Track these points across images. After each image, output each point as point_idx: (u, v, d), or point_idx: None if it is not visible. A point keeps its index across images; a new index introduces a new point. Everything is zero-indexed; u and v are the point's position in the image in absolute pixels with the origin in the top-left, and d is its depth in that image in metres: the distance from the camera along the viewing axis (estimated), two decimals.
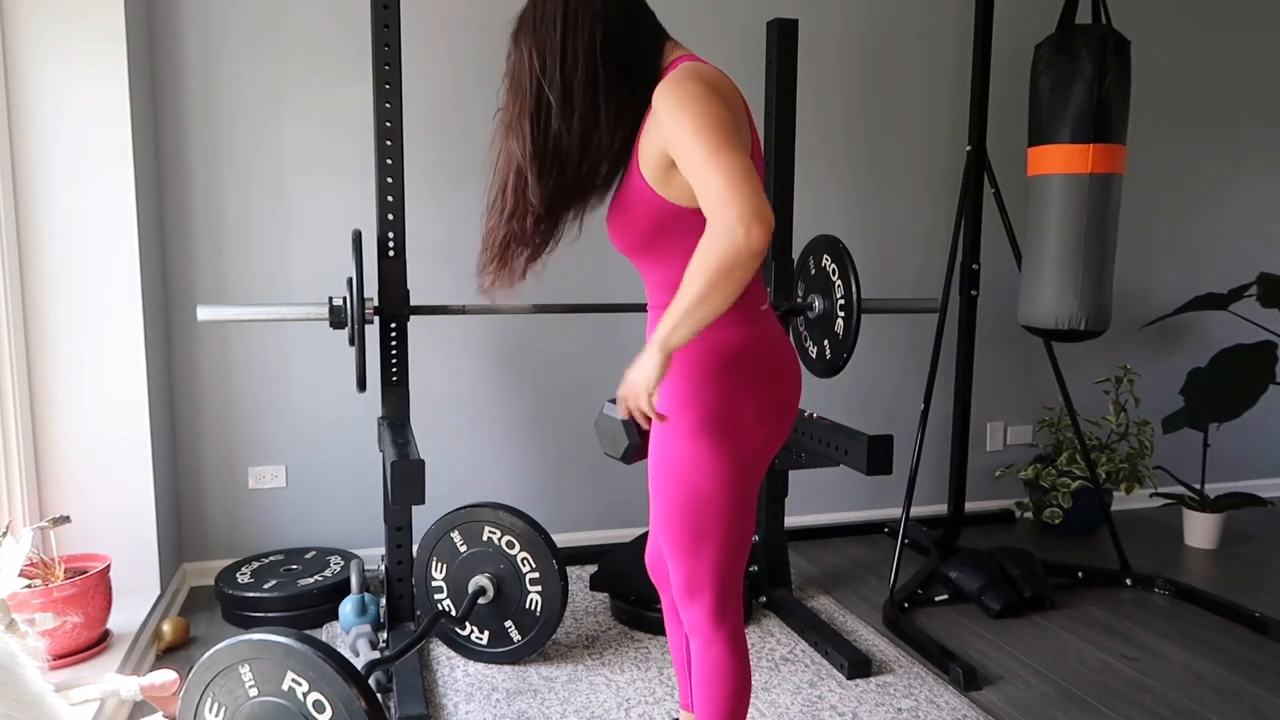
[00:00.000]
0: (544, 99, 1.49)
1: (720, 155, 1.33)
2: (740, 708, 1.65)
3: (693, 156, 1.36)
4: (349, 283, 2.36)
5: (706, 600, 1.61)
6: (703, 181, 1.34)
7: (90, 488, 2.59)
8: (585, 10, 1.48)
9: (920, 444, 3.02)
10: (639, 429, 1.82)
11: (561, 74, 1.48)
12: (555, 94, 1.48)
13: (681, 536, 1.59)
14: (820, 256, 2.69)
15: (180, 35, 2.84)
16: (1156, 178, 3.77)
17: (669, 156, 1.44)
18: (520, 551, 2.45)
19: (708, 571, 1.60)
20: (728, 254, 1.31)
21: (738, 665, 1.63)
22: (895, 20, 3.43)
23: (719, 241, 1.31)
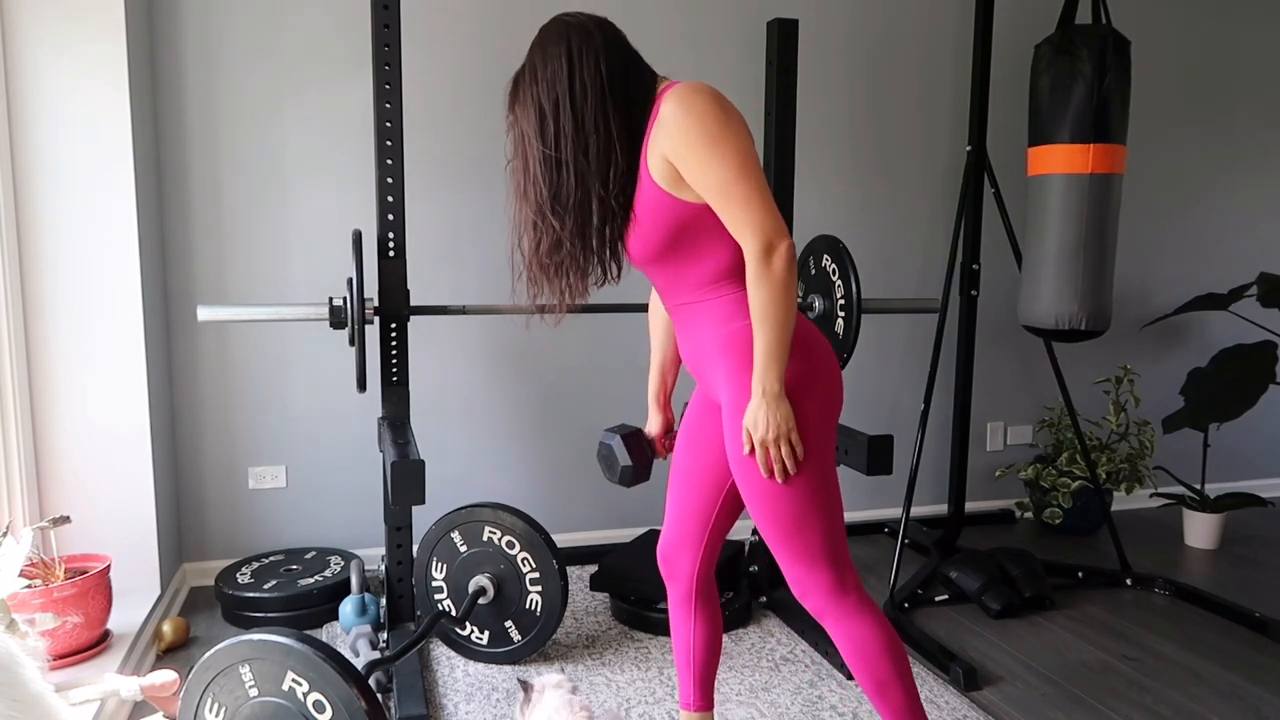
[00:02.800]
0: (561, 134, 1.57)
1: (739, 185, 1.50)
2: (904, 666, 1.66)
3: (712, 188, 1.51)
4: (349, 283, 2.36)
5: (824, 577, 1.62)
6: (724, 211, 1.51)
7: (90, 488, 2.59)
8: (588, 48, 1.58)
9: (920, 444, 3.02)
10: (631, 452, 1.84)
11: (573, 106, 1.57)
12: (569, 125, 1.56)
13: (789, 525, 1.61)
14: (820, 256, 2.69)
15: (180, 36, 2.84)
16: (1156, 178, 3.77)
17: (678, 167, 1.53)
18: (520, 551, 2.45)
19: (819, 549, 1.61)
20: (773, 283, 1.50)
21: (880, 627, 1.64)
22: (895, 20, 3.43)
23: (760, 278, 1.50)
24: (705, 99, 1.52)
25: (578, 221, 1.61)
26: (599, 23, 1.62)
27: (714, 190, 1.51)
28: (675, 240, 1.60)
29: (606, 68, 1.57)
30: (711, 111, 1.51)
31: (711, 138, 1.50)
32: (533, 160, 1.60)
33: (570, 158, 1.57)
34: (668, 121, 1.53)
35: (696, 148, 1.50)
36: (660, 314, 1.92)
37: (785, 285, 1.51)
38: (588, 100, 1.56)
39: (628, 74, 1.60)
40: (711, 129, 1.50)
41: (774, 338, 1.52)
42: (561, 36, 1.59)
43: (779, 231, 1.51)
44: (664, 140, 1.53)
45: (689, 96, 1.52)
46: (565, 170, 1.58)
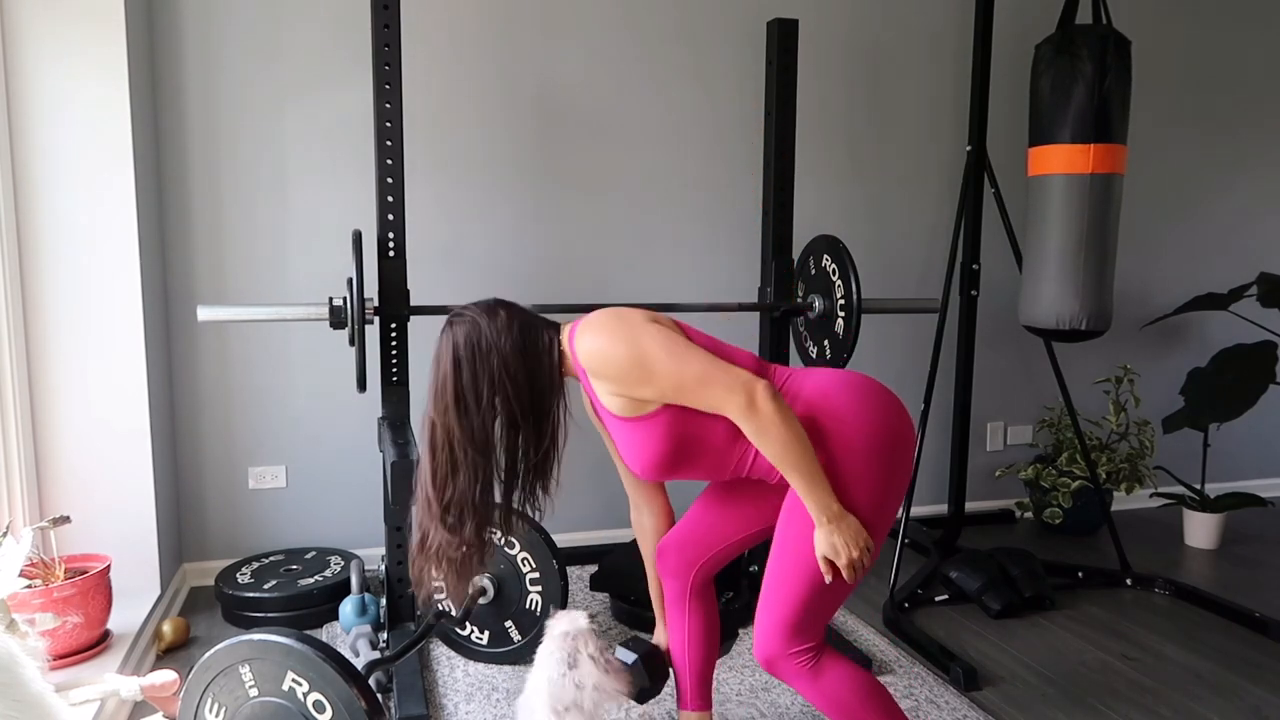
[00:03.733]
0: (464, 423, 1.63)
1: (686, 376, 1.55)
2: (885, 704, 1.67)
3: (669, 395, 1.58)
4: (349, 283, 2.36)
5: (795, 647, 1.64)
6: (698, 402, 1.57)
7: (90, 488, 2.59)
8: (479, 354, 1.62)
9: (920, 444, 3.02)
10: (650, 674, 1.89)
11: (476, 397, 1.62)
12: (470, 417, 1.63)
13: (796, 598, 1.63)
14: (820, 256, 2.69)
15: (180, 36, 2.84)
16: (1157, 178, 3.77)
17: (630, 397, 1.60)
18: (520, 551, 2.45)
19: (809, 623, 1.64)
20: (771, 427, 1.53)
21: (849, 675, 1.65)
22: (895, 20, 3.43)
23: (758, 431, 1.53)
24: (605, 333, 1.59)
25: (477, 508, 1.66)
26: (486, 310, 1.66)
27: (671, 394, 1.57)
28: (677, 444, 1.64)
29: (503, 355, 1.61)
30: (617, 339, 1.58)
31: (633, 361, 1.56)
32: (442, 457, 1.64)
33: (469, 452, 1.62)
34: (593, 366, 1.60)
35: (631, 374, 1.57)
36: (647, 527, 1.96)
37: (783, 422, 1.53)
38: (482, 393, 1.61)
39: (528, 350, 1.64)
40: (626, 355, 1.56)
41: (802, 471, 1.54)
42: (459, 334, 1.63)
43: (744, 383, 1.54)
44: (603, 384, 1.61)
45: (594, 337, 1.60)
46: (466, 464, 1.63)
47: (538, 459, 1.68)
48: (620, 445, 1.70)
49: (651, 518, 1.94)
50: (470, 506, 1.64)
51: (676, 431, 1.62)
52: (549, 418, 1.67)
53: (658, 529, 1.94)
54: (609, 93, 3.20)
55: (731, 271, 3.34)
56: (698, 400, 1.56)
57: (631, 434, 1.64)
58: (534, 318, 1.69)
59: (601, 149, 3.21)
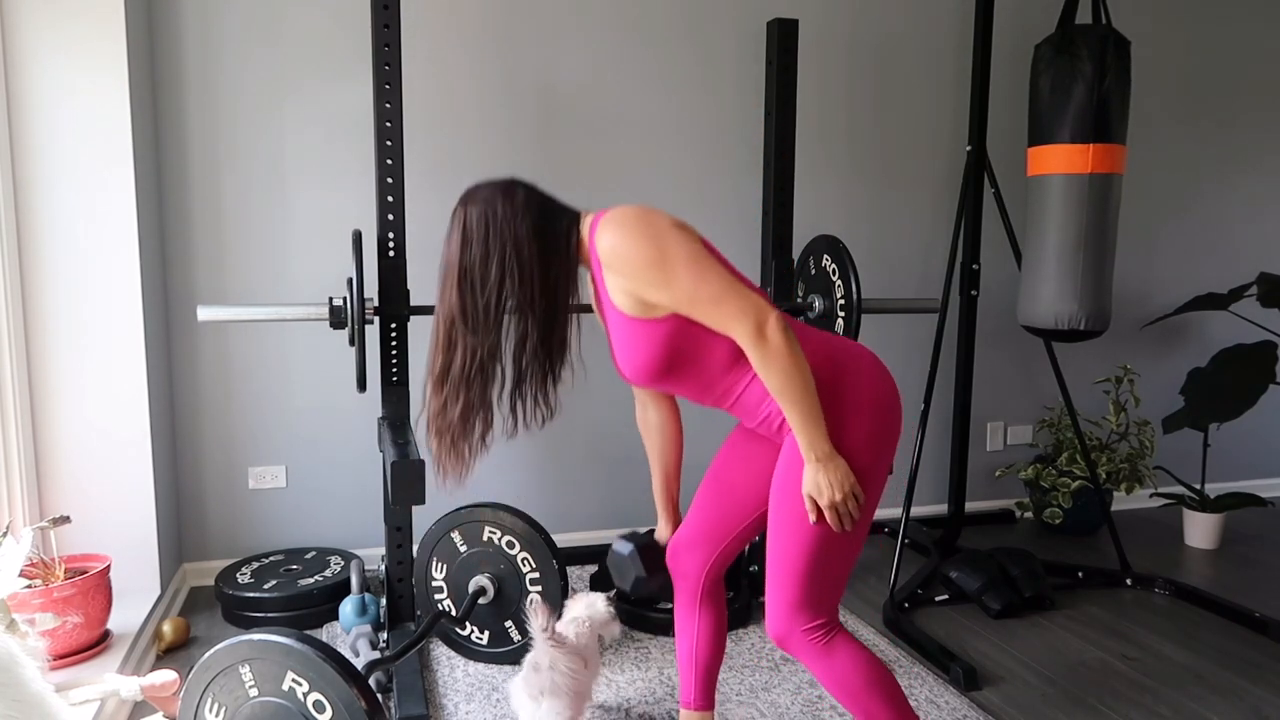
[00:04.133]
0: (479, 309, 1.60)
1: (703, 289, 1.52)
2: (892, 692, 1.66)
3: (681, 303, 1.55)
4: (349, 283, 2.36)
5: (807, 624, 1.63)
6: (703, 318, 1.55)
7: (90, 488, 2.59)
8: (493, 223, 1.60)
9: (920, 444, 3.02)
10: (646, 564, 1.86)
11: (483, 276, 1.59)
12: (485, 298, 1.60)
13: (799, 571, 1.62)
14: (820, 256, 2.69)
15: (180, 35, 2.84)
16: (1156, 178, 3.77)
17: (641, 298, 1.57)
18: (520, 551, 2.45)
19: (816, 598, 1.63)
20: (777, 358, 1.52)
21: (859, 659, 1.64)
22: (895, 20, 3.43)
23: (763, 360, 1.52)
24: (633, 225, 1.55)
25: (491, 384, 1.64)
26: (503, 187, 1.63)
27: (684, 304, 1.55)
28: (675, 353, 1.61)
29: (516, 236, 1.59)
30: (644, 235, 1.54)
31: (655, 261, 1.53)
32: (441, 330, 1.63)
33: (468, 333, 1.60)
34: (610, 259, 1.56)
35: (648, 273, 1.53)
36: (651, 423, 1.93)
37: (789, 354, 1.52)
38: (490, 271, 1.58)
39: (543, 233, 1.61)
40: (651, 253, 1.53)
41: (802, 406, 1.54)
42: (472, 211, 1.61)
43: (759, 309, 1.52)
44: (616, 279, 1.58)
45: (618, 229, 1.55)
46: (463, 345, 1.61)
47: (546, 350, 1.65)
48: (617, 343, 1.67)
49: (657, 413, 1.91)
50: (464, 386, 1.62)
51: (676, 344, 1.60)
52: (562, 307, 1.63)
53: (663, 425, 1.92)
54: (609, 92, 3.20)
55: None
56: (708, 316, 1.54)
57: (632, 334, 1.62)
58: (553, 201, 1.66)
59: (601, 149, 3.21)
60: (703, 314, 1.54)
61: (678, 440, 1.94)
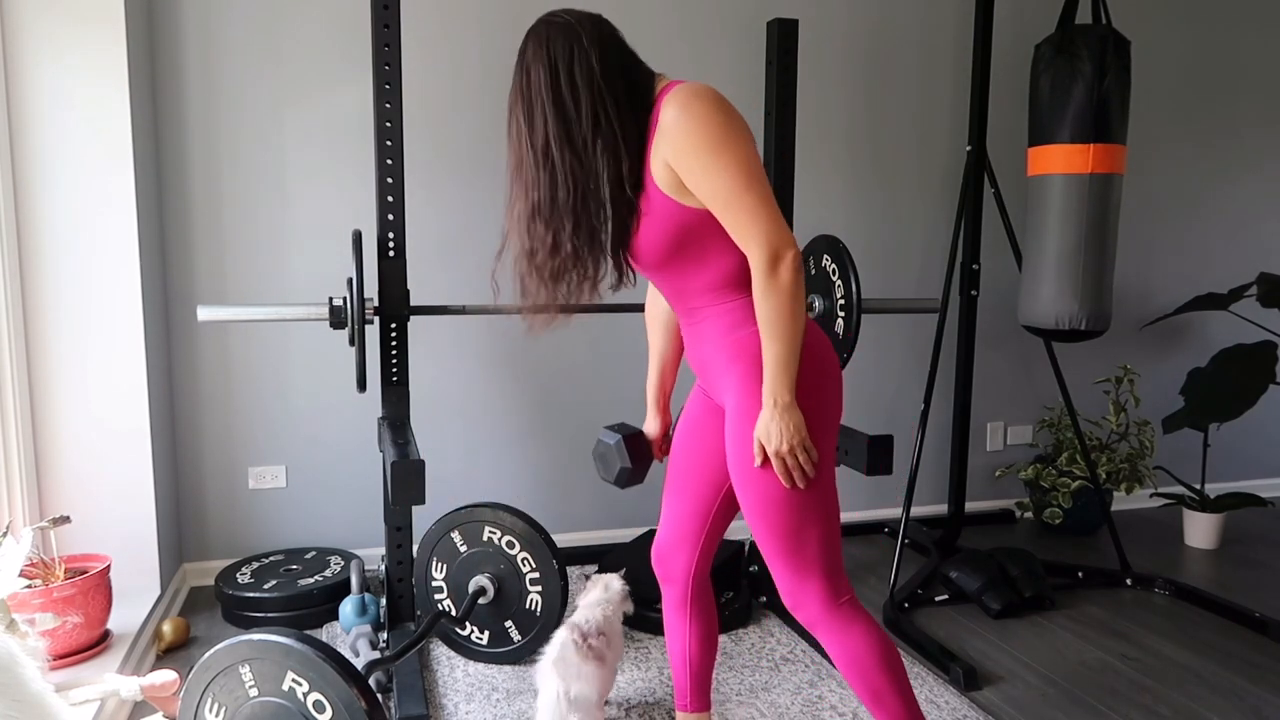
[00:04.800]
0: (557, 136, 1.53)
1: (744, 195, 1.47)
2: (900, 675, 1.64)
3: (716, 196, 1.48)
4: (349, 283, 2.36)
5: (818, 588, 1.60)
6: (729, 220, 1.49)
7: (90, 487, 2.59)
8: (578, 47, 1.54)
9: (920, 444, 3.02)
10: (631, 454, 1.84)
11: (564, 107, 1.53)
12: (563, 126, 1.53)
13: (787, 534, 1.59)
14: (820, 256, 2.69)
15: (180, 36, 2.84)
16: (1157, 178, 3.77)
17: (682, 174, 1.50)
18: (520, 551, 2.45)
19: (814, 559, 1.59)
20: (781, 294, 1.48)
21: (875, 637, 1.62)
22: (895, 20, 3.43)
23: (767, 289, 1.49)
24: (707, 103, 1.49)
25: (578, 224, 1.57)
26: (590, 19, 1.58)
27: (718, 199, 1.49)
28: (679, 246, 1.57)
29: (600, 65, 1.53)
30: (714, 116, 1.48)
31: (715, 145, 1.47)
32: (529, 163, 1.57)
33: (569, 159, 1.54)
34: (669, 126, 1.49)
35: (700, 154, 1.47)
36: (658, 313, 1.91)
37: (793, 295, 1.49)
38: (581, 101, 1.52)
39: (624, 71, 1.56)
40: (715, 135, 1.47)
41: (784, 348, 1.51)
42: (550, 36, 1.55)
43: (786, 241, 1.48)
44: (666, 146, 1.50)
45: (690, 101, 1.49)
46: (564, 172, 1.54)
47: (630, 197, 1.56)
48: (644, 215, 1.59)
49: (666, 303, 1.88)
50: (571, 213, 1.55)
51: (686, 238, 1.55)
52: (644, 152, 1.54)
53: (669, 314, 1.88)
54: None
55: None
56: (736, 222, 1.48)
57: (652, 207, 1.55)
58: (632, 50, 1.61)
59: None
60: (732, 218, 1.49)
61: (680, 335, 1.89)
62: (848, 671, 1.64)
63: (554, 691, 1.95)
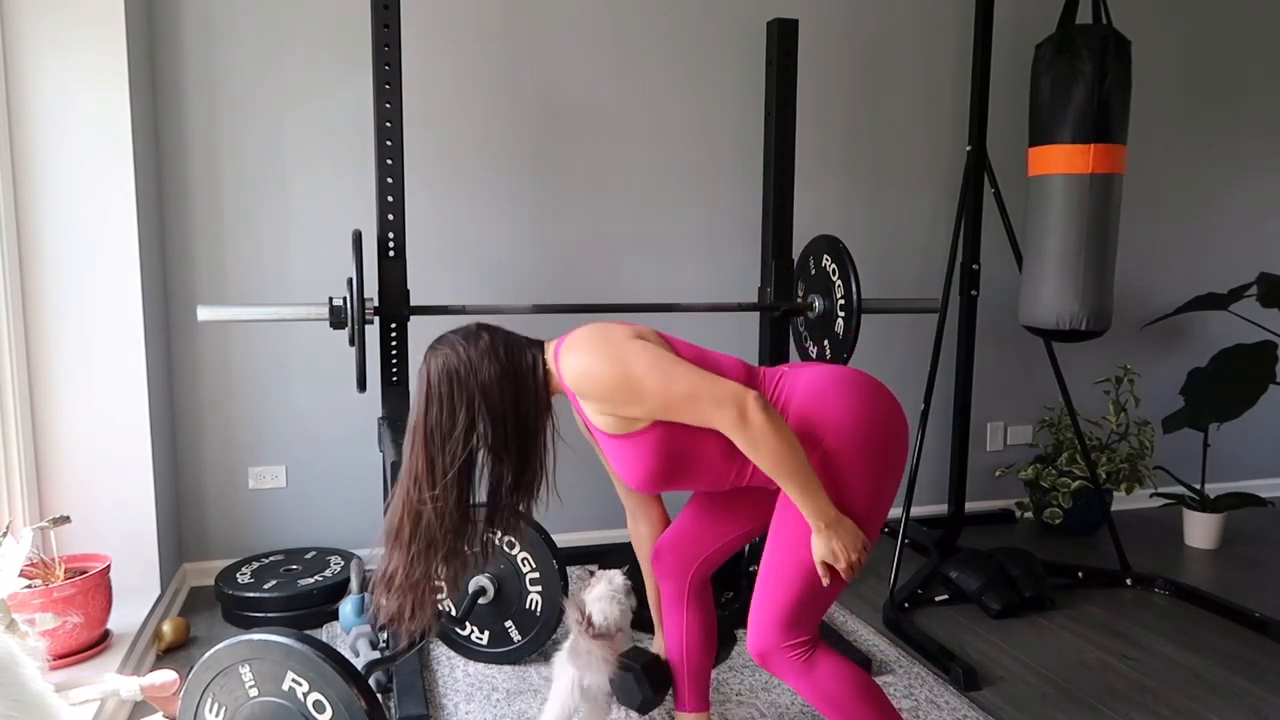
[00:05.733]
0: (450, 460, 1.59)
1: (674, 391, 1.52)
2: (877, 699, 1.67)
3: (657, 412, 1.56)
4: (349, 283, 2.36)
5: (790, 641, 1.64)
6: (688, 417, 1.55)
7: (91, 488, 2.59)
8: (459, 385, 1.59)
9: (920, 444, 3.02)
10: (654, 685, 1.90)
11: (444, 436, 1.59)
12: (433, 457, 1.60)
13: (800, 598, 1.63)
14: (820, 256, 2.69)
15: (180, 36, 2.84)
16: (1157, 178, 3.77)
17: (619, 415, 1.58)
18: (520, 551, 2.45)
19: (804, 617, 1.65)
20: (763, 438, 1.51)
21: (841, 671, 1.65)
22: (895, 20, 3.43)
23: (750, 443, 1.52)
24: (589, 352, 1.56)
25: (466, 535, 1.66)
26: (465, 336, 1.61)
27: (660, 411, 1.55)
28: (669, 459, 1.62)
29: (483, 382, 1.58)
30: (601, 359, 1.55)
31: (618, 379, 1.53)
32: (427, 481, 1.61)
33: (463, 478, 1.60)
34: (580, 386, 1.57)
35: (617, 394, 1.54)
36: (641, 538, 1.95)
37: (775, 433, 1.52)
38: (474, 420, 1.58)
39: (511, 374, 1.60)
40: (612, 373, 1.54)
41: (797, 480, 1.54)
42: (436, 365, 1.60)
43: (734, 395, 1.52)
44: (592, 405, 1.59)
45: (577, 358, 1.57)
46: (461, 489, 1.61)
47: (523, 488, 1.66)
48: (613, 461, 1.69)
49: (648, 525, 1.94)
50: (438, 542, 1.62)
51: (668, 448, 1.61)
52: (536, 440, 1.64)
53: (654, 537, 1.93)
54: (609, 92, 3.20)
55: (731, 271, 3.34)
56: (687, 416, 1.54)
57: (622, 450, 1.63)
58: (517, 339, 1.66)
59: (601, 149, 3.21)
60: (682, 415, 1.55)
61: None
62: (827, 710, 1.66)
63: (568, 681, 1.98)
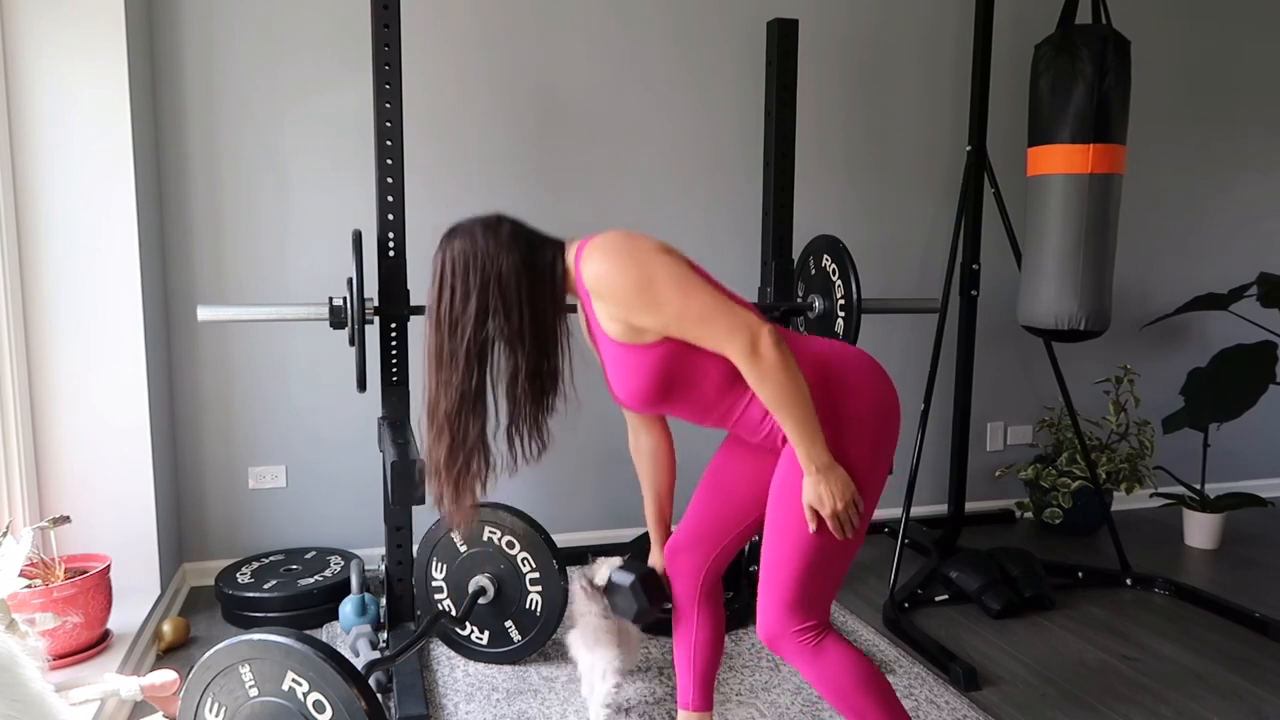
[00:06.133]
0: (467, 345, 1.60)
1: (691, 309, 1.52)
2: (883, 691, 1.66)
3: (670, 326, 1.55)
4: (349, 283, 2.36)
5: (799, 625, 1.63)
6: (694, 339, 1.55)
7: (90, 487, 2.59)
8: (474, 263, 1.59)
9: (920, 444, 3.02)
10: (649, 595, 1.88)
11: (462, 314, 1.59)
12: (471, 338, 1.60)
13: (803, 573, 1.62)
14: (820, 256, 2.69)
15: (180, 36, 2.84)
16: (1156, 178, 3.77)
17: (631, 324, 1.57)
18: (520, 551, 2.45)
19: (810, 600, 1.63)
20: (772, 373, 1.51)
21: (849, 660, 1.64)
22: (895, 20, 3.43)
23: (759, 376, 1.52)
24: (616, 252, 1.55)
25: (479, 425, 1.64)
26: (485, 225, 1.62)
27: (674, 325, 1.54)
28: (668, 379, 1.62)
29: (499, 271, 1.58)
30: (627, 261, 1.54)
31: (641, 285, 1.53)
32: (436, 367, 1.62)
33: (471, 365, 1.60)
34: (597, 287, 1.56)
35: (634, 297, 1.53)
36: (642, 449, 1.94)
37: (784, 368, 1.52)
38: (470, 309, 1.58)
39: (528, 266, 1.60)
40: (636, 278, 1.53)
41: (799, 419, 1.54)
42: (452, 249, 1.60)
43: (750, 325, 1.52)
44: (605, 306, 1.58)
45: (602, 257, 1.55)
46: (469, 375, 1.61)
47: (538, 383, 1.65)
48: (611, 370, 1.67)
49: (649, 438, 1.92)
50: (451, 425, 1.62)
51: (670, 367, 1.60)
52: (551, 337, 1.63)
53: (655, 450, 1.92)
54: (608, 93, 3.20)
55: (731, 271, 3.31)
56: (700, 336, 1.54)
57: (625, 360, 1.62)
58: (538, 234, 1.65)
59: (601, 149, 3.21)
60: (694, 335, 1.54)
61: (670, 465, 1.95)
62: (830, 697, 1.66)
63: (585, 661, 2.04)
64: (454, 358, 1.59)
